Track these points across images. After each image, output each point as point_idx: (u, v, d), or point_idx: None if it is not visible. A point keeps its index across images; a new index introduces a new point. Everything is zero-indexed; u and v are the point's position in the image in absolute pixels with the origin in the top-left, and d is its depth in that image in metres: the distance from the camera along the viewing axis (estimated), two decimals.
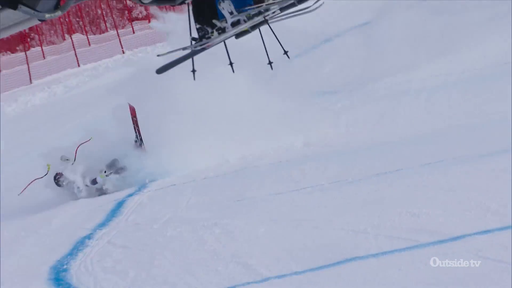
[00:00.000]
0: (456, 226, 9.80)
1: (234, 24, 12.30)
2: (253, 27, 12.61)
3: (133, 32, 42.73)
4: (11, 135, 21.69)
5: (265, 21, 12.48)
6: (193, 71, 13.62)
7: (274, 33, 12.84)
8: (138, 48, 33.82)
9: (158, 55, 13.60)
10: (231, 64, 13.79)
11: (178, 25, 20.97)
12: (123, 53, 34.93)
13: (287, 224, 11.90)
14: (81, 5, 45.85)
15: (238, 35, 12.60)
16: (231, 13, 12.18)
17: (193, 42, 12.83)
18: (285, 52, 13.74)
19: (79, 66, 38.00)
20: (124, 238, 13.55)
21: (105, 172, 18.53)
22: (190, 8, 12.73)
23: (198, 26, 12.66)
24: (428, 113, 17.36)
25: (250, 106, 18.76)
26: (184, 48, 13.31)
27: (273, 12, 12.31)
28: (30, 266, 13.23)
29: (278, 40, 13.05)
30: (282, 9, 12.26)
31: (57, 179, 18.39)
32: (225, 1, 12.04)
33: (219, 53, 14.54)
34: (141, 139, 19.01)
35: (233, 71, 13.83)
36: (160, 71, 13.96)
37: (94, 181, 18.55)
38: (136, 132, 19.23)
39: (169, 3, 7.59)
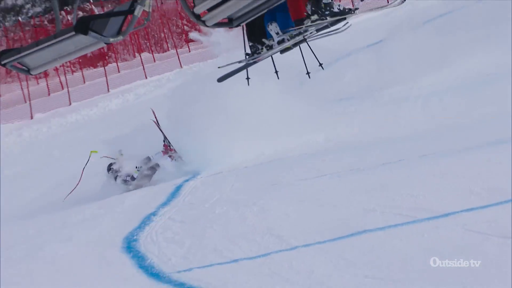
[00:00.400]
0: (446, 205, 9.85)
1: (280, 42, 12.38)
2: (295, 45, 12.68)
3: (189, 51, 42.76)
4: (93, 133, 21.72)
5: (304, 40, 12.55)
6: (247, 78, 13.71)
7: (311, 49, 12.90)
8: (193, 63, 33.75)
9: (219, 67, 13.65)
10: (276, 72, 13.83)
11: (230, 43, 21.20)
12: (181, 67, 34.85)
13: (311, 203, 11.97)
14: (148, 30, 45.99)
15: (283, 51, 12.69)
16: (277, 33, 12.26)
17: (247, 57, 12.90)
18: (320, 64, 13.77)
19: (146, 78, 38.06)
20: (181, 215, 13.64)
21: (136, 167, 18.55)
22: (245, 29, 12.82)
23: (250, 43, 12.72)
24: (424, 115, 17.37)
25: (281, 109, 18.81)
26: (239, 62, 13.38)
27: (311, 33, 12.37)
28: (108, 237, 13.36)
29: (314, 55, 13.12)
30: (317, 30, 12.32)
31: (110, 167, 18.45)
32: (273, 24, 12.13)
33: (256, 65, 14.61)
34: (168, 140, 19.02)
35: (278, 78, 13.86)
36: (220, 80, 14.05)
37: (132, 177, 18.41)
38: (162, 134, 19.16)
39: (228, 25, 7.62)
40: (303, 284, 8.92)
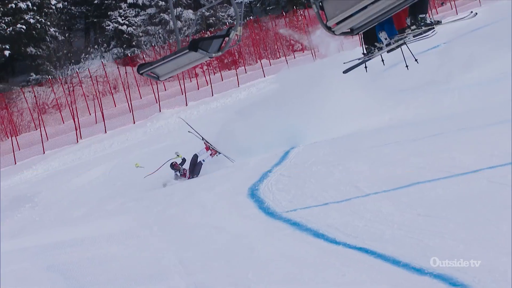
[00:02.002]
0: (475, 164, 9.80)
1: (387, 45, 12.31)
2: (397, 46, 12.56)
3: (294, 58, 42.85)
4: (228, 115, 21.68)
5: (404, 43, 12.44)
6: (365, 67, 13.54)
7: (409, 50, 12.68)
8: (298, 66, 33.70)
9: (344, 63, 13.54)
10: (406, 66, 13.63)
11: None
12: (288, 68, 34.90)
13: (379, 163, 11.89)
14: (266, 43, 46.20)
15: (389, 51, 12.58)
16: (385, 39, 12.20)
17: (363, 55, 12.85)
18: (416, 60, 13.53)
19: (264, 76, 38.14)
20: (288, 172, 13.65)
21: (178, 156, 18.01)
22: (362, 36, 12.80)
23: (366, 46, 12.67)
24: (460, 101, 17.13)
25: (358, 97, 18.68)
26: (358, 59, 13.30)
27: (408, 38, 12.26)
28: (238, 187, 13.44)
29: (412, 53, 12.86)
30: (414, 36, 12.21)
31: (172, 165, 17.86)
32: (382, 32, 12.11)
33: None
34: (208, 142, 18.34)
35: (407, 69, 13.64)
36: (346, 71, 13.96)
37: (182, 174, 17.88)
38: (202, 138, 18.54)
39: (350, 34, 7.62)
40: (374, 220, 8.89)
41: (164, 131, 31.11)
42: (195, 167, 17.92)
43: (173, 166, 17.79)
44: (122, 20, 52.35)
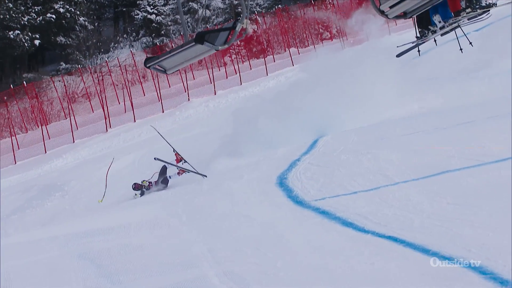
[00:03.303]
0: (504, 152, 9.75)
1: (441, 28, 12.28)
2: (451, 29, 12.52)
3: (323, 45, 42.85)
4: (256, 103, 21.52)
5: (458, 26, 12.40)
6: (419, 51, 13.54)
7: (463, 32, 12.67)
8: (326, 54, 33.54)
9: (397, 46, 13.54)
10: (461, 49, 13.57)
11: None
12: (317, 57, 34.86)
13: (408, 151, 11.87)
14: (295, 32, 46.18)
15: (443, 34, 12.52)
16: (439, 22, 12.18)
17: (416, 39, 12.82)
18: (470, 43, 13.44)
19: (293, 65, 38.15)
20: (317, 160, 13.64)
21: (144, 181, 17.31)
22: (415, 20, 12.79)
23: (419, 29, 12.64)
24: (489, 89, 17.01)
25: (388, 86, 18.66)
26: (412, 42, 13.27)
27: (463, 21, 12.21)
28: (266, 176, 13.45)
29: (466, 36, 12.88)
30: (469, 19, 12.17)
31: (134, 187, 17.16)
32: (436, 15, 12.10)
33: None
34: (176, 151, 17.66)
35: (462, 52, 13.55)
36: (399, 55, 14.00)
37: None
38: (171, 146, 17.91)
39: (404, 17, 7.65)
40: (403, 208, 8.88)
41: (193, 120, 31.25)
42: (163, 179, 17.46)
43: (135, 187, 17.21)
44: (151, 9, 52.57)
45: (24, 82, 39.92)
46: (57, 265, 10.36)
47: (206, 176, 16.47)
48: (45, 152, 32.32)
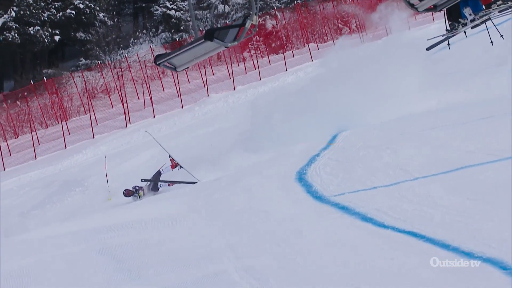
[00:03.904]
0: None
1: (472, 20, 12.24)
2: (482, 22, 12.46)
3: (342, 40, 42.86)
4: (275, 98, 21.50)
5: (489, 19, 12.35)
6: (448, 44, 13.43)
7: (494, 24, 12.56)
8: (344, 50, 33.47)
9: (427, 40, 13.46)
10: (491, 42, 13.49)
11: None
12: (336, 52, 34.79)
13: (428, 146, 11.85)
14: (314, 28, 46.10)
15: (473, 27, 12.49)
16: (470, 14, 12.13)
17: (446, 32, 12.80)
18: (501, 36, 13.35)
19: (312, 60, 38.11)
20: (336, 156, 13.62)
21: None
22: (445, 12, 12.73)
23: (449, 22, 12.60)
24: (508, 88, 16.85)
25: (407, 81, 18.59)
26: (442, 35, 13.22)
27: (493, 13, 12.16)
28: (286, 171, 13.42)
29: (497, 29, 12.73)
30: (499, 12, 12.12)
31: (125, 194, 17.16)
32: (467, 8, 12.05)
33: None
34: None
35: (492, 45, 13.46)
36: (429, 48, 13.92)
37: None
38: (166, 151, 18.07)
39: (433, 10, 7.62)
40: (423, 204, 8.87)
41: (212, 115, 31.31)
42: (155, 185, 17.52)
43: (126, 194, 17.16)
44: (170, 4, 52.62)
45: (44, 78, 40.22)
46: (77, 260, 10.42)
47: (197, 182, 16.39)
48: (65, 147, 32.55)
